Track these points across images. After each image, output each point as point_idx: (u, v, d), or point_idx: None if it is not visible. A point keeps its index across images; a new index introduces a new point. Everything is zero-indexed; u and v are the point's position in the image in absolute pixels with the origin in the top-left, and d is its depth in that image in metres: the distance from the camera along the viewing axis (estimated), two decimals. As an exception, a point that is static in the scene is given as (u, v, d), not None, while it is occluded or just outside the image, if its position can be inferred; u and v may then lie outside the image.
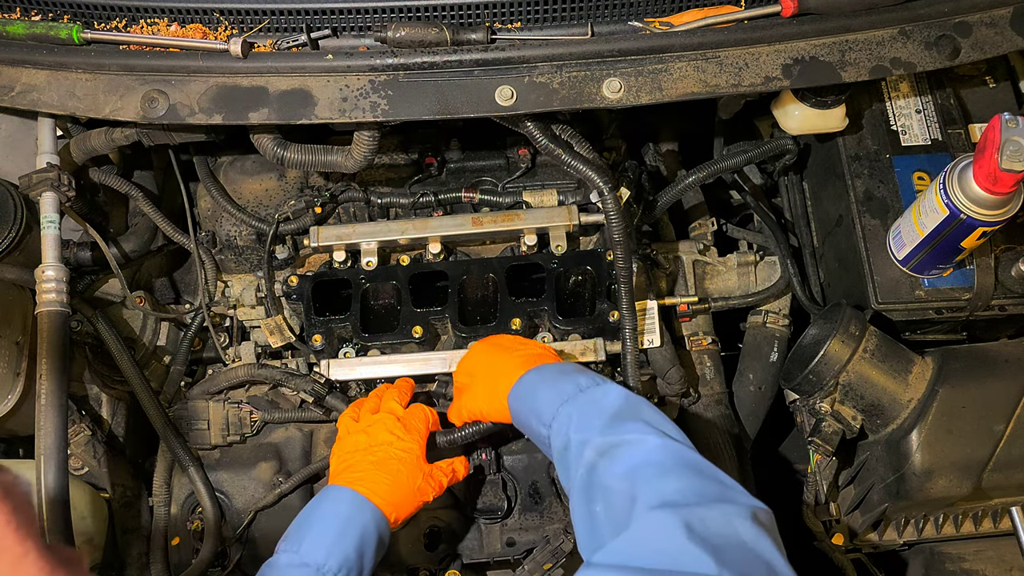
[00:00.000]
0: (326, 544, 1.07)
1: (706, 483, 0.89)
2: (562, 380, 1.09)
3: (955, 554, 1.45)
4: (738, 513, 0.83)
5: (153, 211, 1.48)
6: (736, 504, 0.85)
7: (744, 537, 0.81)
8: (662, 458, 0.92)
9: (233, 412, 1.42)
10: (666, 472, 0.90)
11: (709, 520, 0.82)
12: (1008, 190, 1.15)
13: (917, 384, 1.32)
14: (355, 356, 1.41)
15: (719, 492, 0.87)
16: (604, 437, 0.97)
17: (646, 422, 0.98)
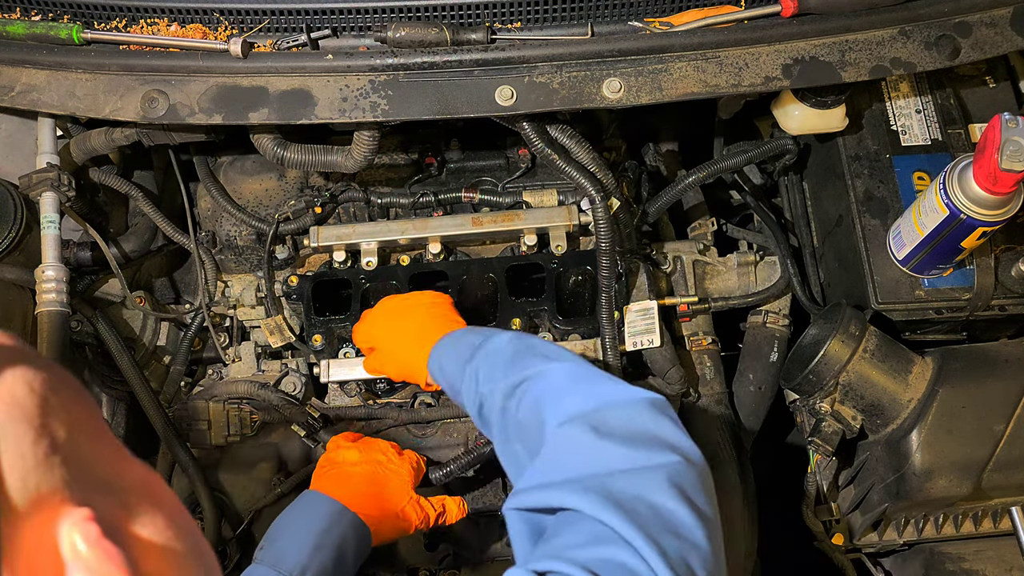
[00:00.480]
0: (305, 554, 1.08)
1: (601, 389, 0.92)
2: (459, 346, 1.11)
3: (955, 554, 1.45)
4: (635, 406, 0.87)
5: (153, 211, 1.48)
6: (631, 399, 0.89)
7: (645, 425, 0.85)
8: (560, 381, 0.95)
9: (233, 412, 1.42)
10: (565, 392, 0.93)
11: (611, 419, 0.86)
12: (1008, 190, 1.15)
13: (917, 384, 1.32)
14: (355, 356, 1.41)
15: (614, 394, 0.90)
16: (507, 379, 0.99)
17: (541, 355, 1.00)
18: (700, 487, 0.81)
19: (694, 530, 0.75)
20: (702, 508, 0.78)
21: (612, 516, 0.73)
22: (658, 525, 0.74)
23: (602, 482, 0.78)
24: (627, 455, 0.81)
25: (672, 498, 0.76)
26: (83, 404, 0.52)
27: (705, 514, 0.78)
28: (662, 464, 0.80)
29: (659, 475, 0.79)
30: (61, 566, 0.45)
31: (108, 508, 0.49)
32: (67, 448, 0.48)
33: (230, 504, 1.41)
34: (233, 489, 1.42)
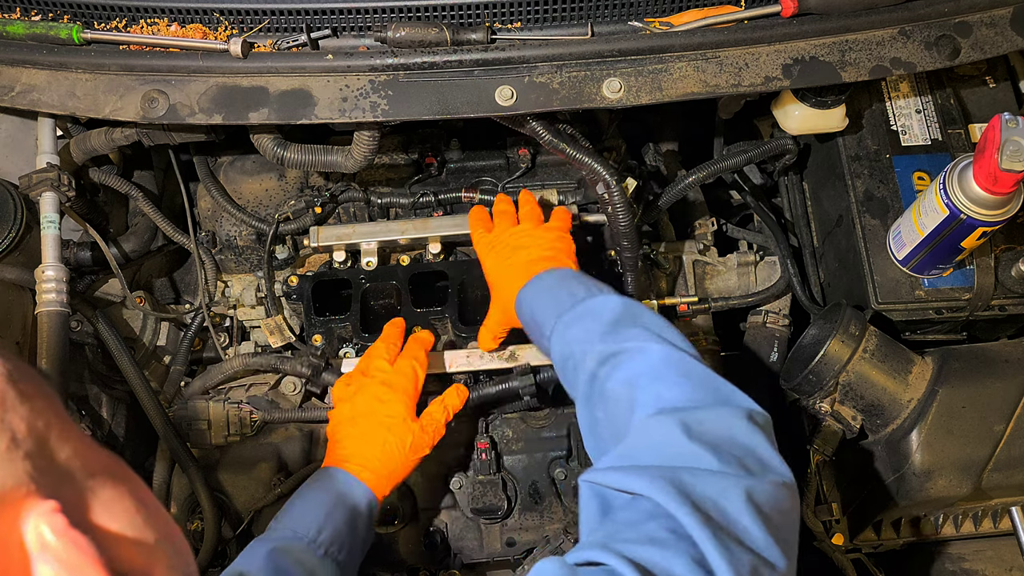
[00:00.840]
0: (317, 521, 1.08)
1: (703, 389, 0.90)
2: (559, 290, 1.09)
3: (955, 554, 1.45)
4: (734, 414, 0.85)
5: (153, 211, 1.48)
6: (732, 406, 0.86)
7: (739, 437, 0.83)
8: (661, 365, 0.93)
9: (233, 412, 1.42)
10: (664, 379, 0.91)
11: (706, 422, 0.83)
12: (1008, 190, 1.15)
13: (917, 384, 1.32)
14: (355, 356, 1.41)
15: (716, 396, 0.89)
16: (604, 345, 0.97)
17: (646, 328, 0.98)
18: (783, 510, 0.78)
19: (768, 548, 0.73)
20: (780, 530, 0.76)
21: (685, 513, 0.71)
22: (729, 533, 0.72)
23: (682, 478, 0.76)
24: (714, 461, 0.79)
25: (749, 513, 0.74)
26: (44, 395, 0.51)
27: (783, 537, 0.75)
28: (748, 478, 0.78)
29: (740, 487, 0.76)
30: (27, 561, 0.45)
31: (74, 498, 0.49)
32: (29, 441, 0.47)
33: (230, 504, 1.41)
34: (233, 489, 1.42)
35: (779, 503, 0.78)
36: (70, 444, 0.52)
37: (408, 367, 1.23)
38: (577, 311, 1.04)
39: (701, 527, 0.70)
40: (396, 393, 1.20)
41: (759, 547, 0.73)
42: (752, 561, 0.71)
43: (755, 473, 0.79)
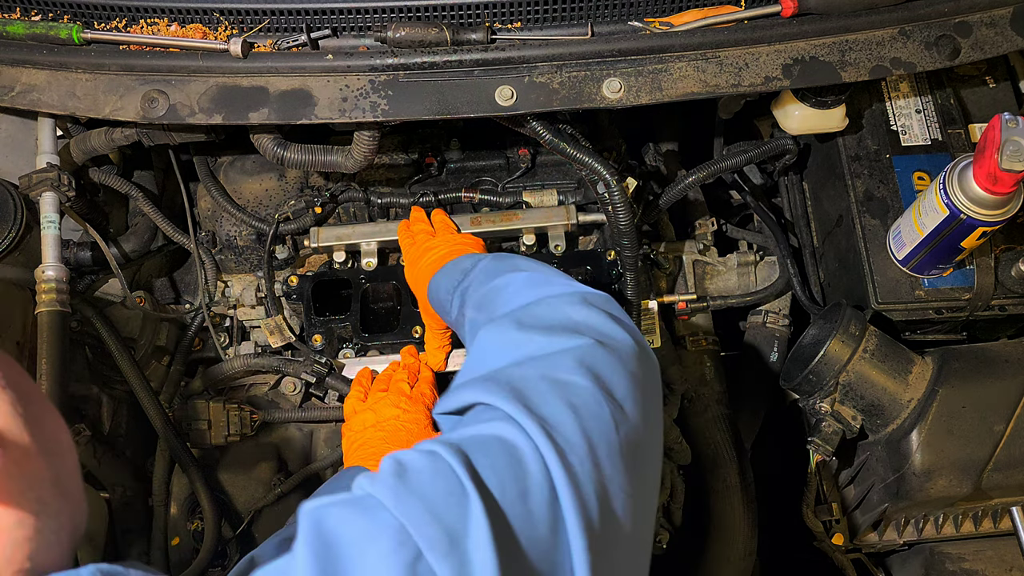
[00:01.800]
0: None
1: (543, 288, 0.90)
2: (453, 271, 1.13)
3: (955, 554, 1.45)
4: (567, 300, 0.85)
5: (153, 211, 1.48)
6: (567, 294, 0.87)
7: (572, 315, 0.83)
8: (517, 286, 0.94)
9: (233, 412, 1.42)
10: (515, 295, 0.92)
11: (538, 312, 0.84)
12: (1008, 190, 1.15)
13: (917, 384, 1.32)
14: (355, 356, 1.41)
15: (550, 290, 0.89)
16: (480, 290, 1.00)
17: (513, 267, 1.00)
18: (618, 369, 0.77)
19: (598, 404, 0.71)
20: (611, 385, 0.74)
21: (504, 400, 0.69)
22: (552, 400, 0.70)
23: (509, 372, 0.75)
24: (543, 343, 0.79)
25: (577, 375, 0.73)
26: None
27: (612, 391, 0.74)
28: (574, 347, 0.77)
29: (568, 357, 0.76)
30: None
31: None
32: None
33: (230, 504, 1.41)
34: (233, 489, 1.42)
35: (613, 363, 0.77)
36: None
37: (428, 385, 1.28)
38: (467, 279, 1.06)
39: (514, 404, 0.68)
40: (417, 404, 1.23)
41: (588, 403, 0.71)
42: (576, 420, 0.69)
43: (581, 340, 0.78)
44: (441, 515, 0.56)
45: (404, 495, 0.57)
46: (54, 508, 0.56)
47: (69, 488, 0.58)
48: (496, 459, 0.63)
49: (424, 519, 0.56)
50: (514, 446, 0.65)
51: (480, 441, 0.65)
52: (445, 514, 0.56)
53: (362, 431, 1.22)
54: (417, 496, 0.57)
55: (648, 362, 0.83)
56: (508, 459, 0.64)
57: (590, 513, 0.63)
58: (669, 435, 1.48)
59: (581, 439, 0.67)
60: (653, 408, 0.80)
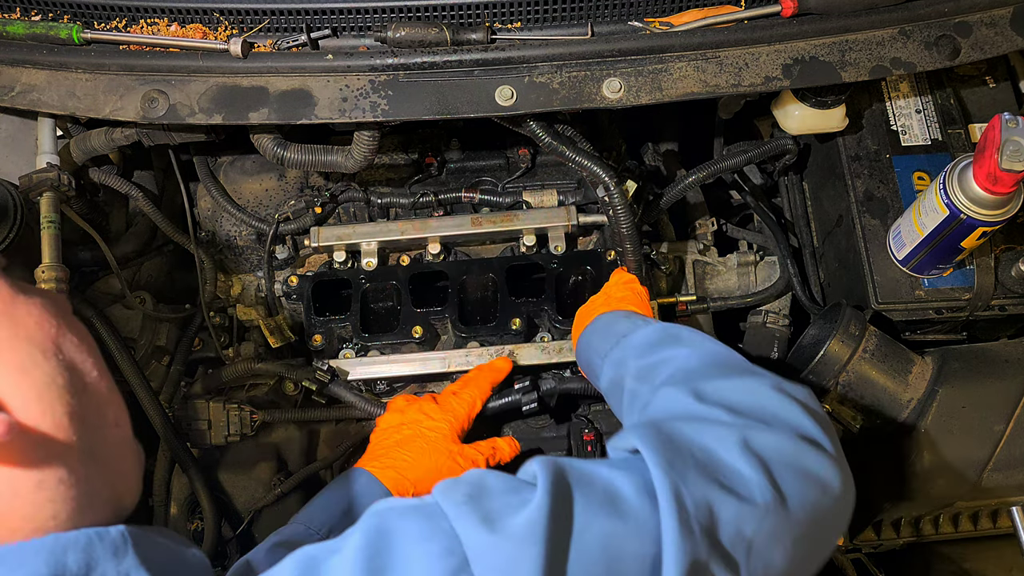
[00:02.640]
0: (331, 518, 1.09)
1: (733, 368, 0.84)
2: (608, 332, 1.08)
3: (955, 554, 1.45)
4: (761, 383, 0.77)
5: (153, 211, 1.48)
6: (760, 377, 0.79)
7: (764, 402, 0.75)
8: (693, 361, 0.87)
9: (233, 412, 1.42)
10: (693, 371, 0.85)
11: (724, 389, 0.77)
12: (1008, 190, 1.15)
13: (917, 384, 1.32)
14: (355, 356, 1.41)
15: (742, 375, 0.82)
16: (641, 360, 0.94)
17: (682, 340, 0.94)
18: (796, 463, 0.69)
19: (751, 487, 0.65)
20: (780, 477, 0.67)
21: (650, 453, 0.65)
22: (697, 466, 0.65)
23: (670, 425, 0.70)
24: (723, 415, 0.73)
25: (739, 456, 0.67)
26: None
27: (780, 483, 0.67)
28: (749, 426, 0.70)
29: (734, 432, 0.69)
30: None
31: None
32: None
33: (230, 504, 1.41)
34: (233, 489, 1.42)
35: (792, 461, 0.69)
36: None
37: (468, 394, 1.26)
38: (621, 346, 1.01)
39: (657, 455, 0.64)
40: (444, 412, 1.23)
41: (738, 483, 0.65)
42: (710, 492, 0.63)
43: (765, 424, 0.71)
44: (498, 538, 0.56)
45: (468, 511, 0.58)
46: (83, 475, 0.58)
47: (107, 459, 0.61)
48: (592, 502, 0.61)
49: (478, 534, 0.56)
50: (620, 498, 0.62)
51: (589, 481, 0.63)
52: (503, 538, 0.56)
53: (384, 430, 1.23)
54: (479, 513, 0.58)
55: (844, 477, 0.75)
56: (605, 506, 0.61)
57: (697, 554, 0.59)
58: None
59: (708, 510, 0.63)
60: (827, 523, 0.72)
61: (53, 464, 0.57)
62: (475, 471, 0.65)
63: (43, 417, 0.57)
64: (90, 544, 0.55)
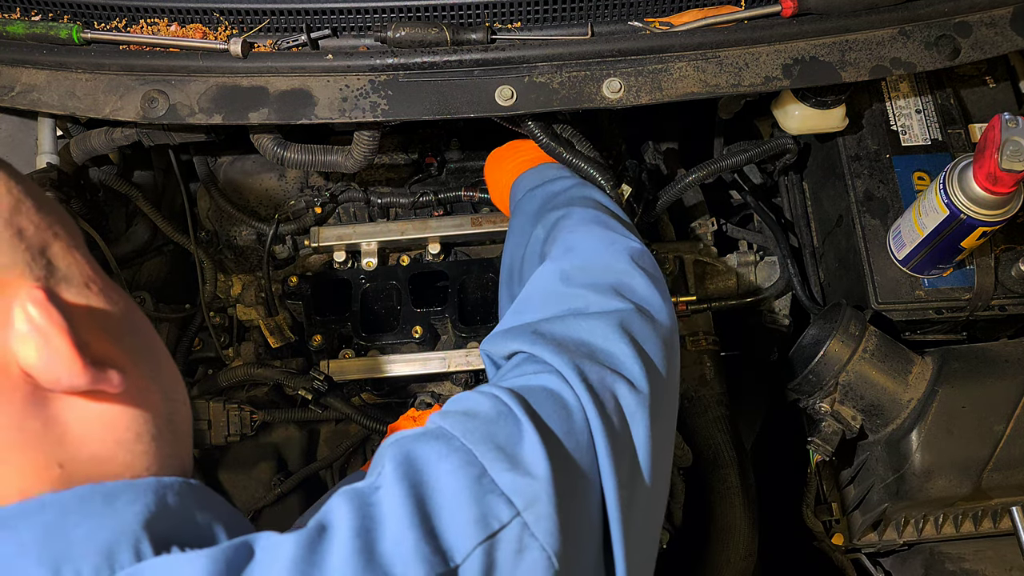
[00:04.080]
0: None
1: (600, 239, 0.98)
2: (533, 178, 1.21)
3: (955, 554, 1.45)
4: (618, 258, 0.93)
5: (153, 211, 1.48)
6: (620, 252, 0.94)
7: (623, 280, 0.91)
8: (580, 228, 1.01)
9: (233, 412, 1.42)
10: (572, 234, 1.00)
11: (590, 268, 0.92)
12: (1008, 190, 1.15)
13: (917, 384, 1.32)
14: (355, 356, 1.41)
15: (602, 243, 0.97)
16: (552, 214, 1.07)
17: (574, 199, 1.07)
18: (652, 337, 0.84)
19: (631, 367, 0.79)
20: (647, 352, 0.82)
21: (551, 355, 0.77)
22: (590, 358, 0.78)
23: (553, 327, 0.83)
24: (588, 302, 0.87)
25: (618, 341, 0.81)
26: (59, 216, 0.63)
27: (649, 358, 0.82)
28: (616, 310, 0.85)
29: (610, 319, 0.83)
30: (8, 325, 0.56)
31: (61, 291, 0.60)
32: (34, 240, 0.59)
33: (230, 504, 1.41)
34: (233, 489, 1.42)
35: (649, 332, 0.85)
36: (71, 256, 0.62)
37: None
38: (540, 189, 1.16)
39: (560, 357, 0.77)
40: None
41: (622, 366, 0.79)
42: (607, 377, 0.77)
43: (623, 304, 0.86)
44: (501, 442, 0.66)
45: (471, 428, 0.67)
46: (168, 438, 0.65)
47: (180, 431, 0.67)
48: (546, 405, 0.73)
49: (487, 444, 0.65)
50: (561, 397, 0.74)
51: (532, 390, 0.74)
52: (505, 442, 0.66)
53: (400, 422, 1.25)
54: (480, 427, 0.67)
55: (673, 326, 0.91)
56: (556, 406, 0.73)
57: (620, 463, 0.72)
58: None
59: (612, 399, 0.75)
60: (676, 369, 0.89)
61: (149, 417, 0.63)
62: (455, 397, 0.74)
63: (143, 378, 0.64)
64: (183, 490, 0.61)
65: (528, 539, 0.61)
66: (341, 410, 1.38)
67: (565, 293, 0.89)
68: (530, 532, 0.61)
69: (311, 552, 0.57)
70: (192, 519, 0.60)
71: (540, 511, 0.62)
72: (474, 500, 0.61)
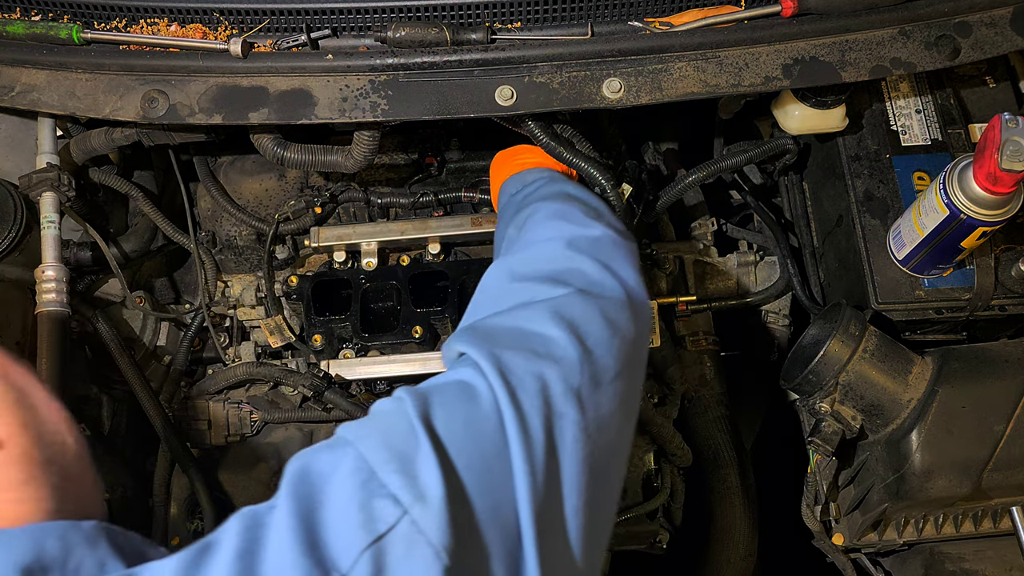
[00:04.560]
0: None
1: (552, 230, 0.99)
2: (516, 183, 1.20)
3: (955, 554, 1.45)
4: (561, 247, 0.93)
5: (153, 211, 1.48)
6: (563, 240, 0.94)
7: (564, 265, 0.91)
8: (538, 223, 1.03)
9: (233, 412, 1.43)
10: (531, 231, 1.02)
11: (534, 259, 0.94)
12: (1008, 190, 1.15)
13: (917, 384, 1.32)
14: (355, 356, 1.41)
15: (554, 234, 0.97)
16: (520, 214, 1.08)
17: (556, 195, 1.08)
18: (595, 318, 0.84)
19: (564, 348, 0.79)
20: (584, 333, 0.82)
21: (476, 349, 0.77)
22: (517, 347, 0.78)
23: (489, 322, 0.85)
24: (530, 293, 0.88)
25: (549, 324, 0.81)
26: None
27: (584, 338, 0.81)
28: (553, 297, 0.85)
29: (545, 307, 0.83)
30: None
31: None
32: None
33: (230, 504, 1.41)
34: (233, 489, 1.42)
35: (591, 311, 0.85)
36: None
37: None
38: (518, 195, 1.15)
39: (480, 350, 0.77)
40: None
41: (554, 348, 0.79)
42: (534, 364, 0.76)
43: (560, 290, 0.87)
44: (393, 444, 0.66)
45: (365, 432, 0.68)
46: (51, 482, 0.65)
47: (70, 473, 0.67)
48: (450, 399, 0.72)
49: (377, 447, 0.66)
50: (471, 386, 0.74)
51: (442, 386, 0.75)
52: (398, 443, 0.66)
53: None
54: (376, 431, 0.68)
55: (635, 310, 0.90)
56: (462, 398, 0.73)
57: (534, 440, 0.71)
58: (672, 441, 1.48)
59: (534, 380, 0.75)
60: (633, 353, 0.87)
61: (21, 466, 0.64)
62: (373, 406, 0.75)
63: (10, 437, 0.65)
64: (66, 532, 0.61)
65: (415, 536, 0.61)
66: (342, 406, 1.38)
67: (511, 288, 0.90)
68: (418, 529, 0.61)
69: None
70: (80, 561, 0.60)
71: (428, 507, 0.62)
72: (360, 505, 0.61)
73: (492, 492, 0.67)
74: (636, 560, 1.59)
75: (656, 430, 1.46)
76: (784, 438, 1.68)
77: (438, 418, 0.69)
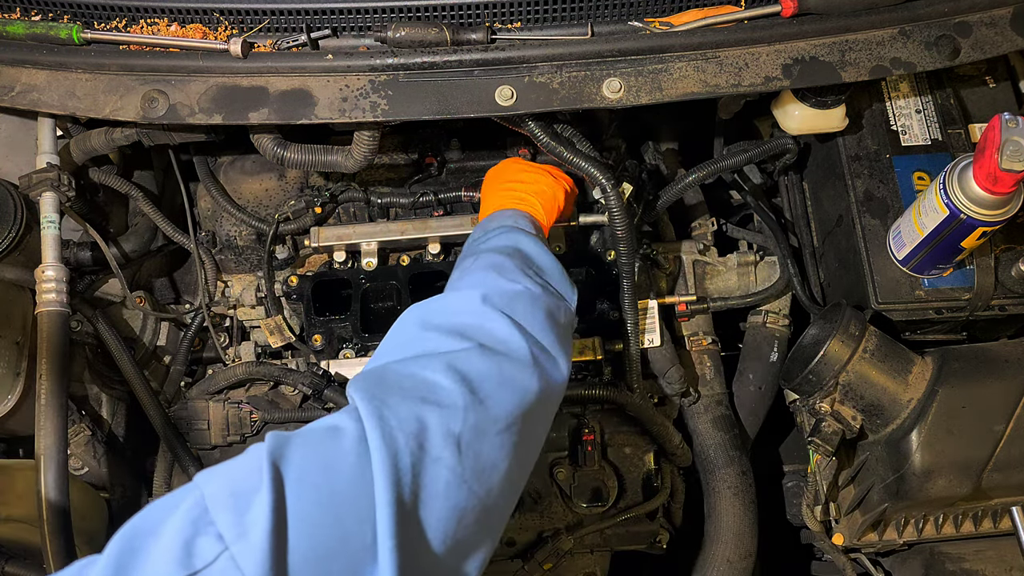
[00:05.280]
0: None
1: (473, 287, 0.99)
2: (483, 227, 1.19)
3: (955, 554, 1.45)
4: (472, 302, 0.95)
5: (153, 211, 1.48)
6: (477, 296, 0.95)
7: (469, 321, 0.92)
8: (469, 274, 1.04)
9: (233, 412, 1.42)
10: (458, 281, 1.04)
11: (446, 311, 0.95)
12: (1008, 190, 1.15)
13: (917, 384, 1.32)
14: (355, 356, 1.41)
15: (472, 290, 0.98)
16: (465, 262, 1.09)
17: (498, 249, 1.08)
18: (490, 374, 0.85)
19: (451, 396, 0.80)
20: (477, 386, 0.83)
21: (360, 393, 0.78)
22: (403, 392, 0.79)
23: (385, 369, 0.85)
24: (433, 344, 0.89)
25: (441, 374, 0.82)
26: None
27: (476, 391, 0.82)
28: (452, 351, 0.87)
29: (441, 360, 0.85)
30: None
31: None
32: None
33: (230, 504, 1.41)
34: (233, 489, 1.42)
35: (487, 368, 0.86)
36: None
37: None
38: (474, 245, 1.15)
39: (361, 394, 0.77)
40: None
41: (441, 396, 0.80)
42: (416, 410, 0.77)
43: (461, 344, 0.88)
44: (236, 484, 0.66)
45: (216, 475, 0.68)
46: None
47: None
48: (311, 440, 0.73)
49: (220, 488, 0.66)
50: (338, 428, 0.74)
51: (310, 430, 0.74)
52: (240, 483, 0.66)
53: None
54: (225, 474, 0.68)
55: (540, 367, 0.91)
56: (323, 437, 0.73)
57: (402, 476, 0.72)
58: (671, 441, 1.48)
59: (413, 421, 0.76)
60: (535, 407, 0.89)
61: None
62: None
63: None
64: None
65: (232, 571, 0.61)
66: (341, 405, 1.38)
67: (417, 336, 0.91)
68: (235, 564, 0.62)
69: None
70: None
71: (249, 543, 0.62)
72: (184, 543, 0.62)
73: (341, 524, 0.68)
74: (636, 560, 1.59)
75: (656, 430, 1.46)
76: (784, 438, 1.68)
77: (291, 459, 0.69)
